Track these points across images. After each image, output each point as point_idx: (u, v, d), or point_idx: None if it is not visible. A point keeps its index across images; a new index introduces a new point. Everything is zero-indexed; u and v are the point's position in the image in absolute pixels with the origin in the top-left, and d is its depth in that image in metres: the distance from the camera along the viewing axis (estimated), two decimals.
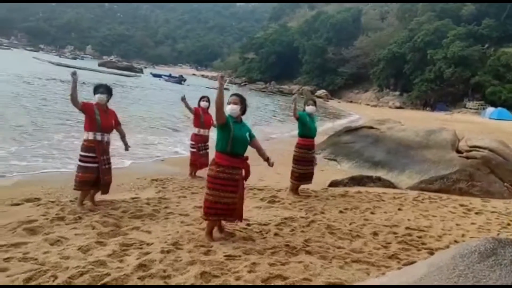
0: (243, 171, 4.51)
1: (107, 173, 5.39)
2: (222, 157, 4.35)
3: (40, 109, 16.07)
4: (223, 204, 4.35)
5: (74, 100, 5.10)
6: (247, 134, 4.48)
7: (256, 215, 5.61)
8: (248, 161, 4.54)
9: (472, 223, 6.01)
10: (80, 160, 5.27)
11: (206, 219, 4.47)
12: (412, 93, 51.65)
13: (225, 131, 4.33)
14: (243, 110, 4.53)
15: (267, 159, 4.70)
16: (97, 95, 5.33)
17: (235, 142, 4.32)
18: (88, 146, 5.23)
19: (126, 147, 5.86)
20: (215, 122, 4.53)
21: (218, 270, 3.58)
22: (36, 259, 3.62)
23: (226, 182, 4.33)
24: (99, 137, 5.24)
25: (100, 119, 5.23)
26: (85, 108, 5.23)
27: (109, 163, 5.45)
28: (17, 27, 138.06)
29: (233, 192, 4.38)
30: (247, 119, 4.73)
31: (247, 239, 4.59)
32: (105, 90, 5.38)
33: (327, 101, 54.15)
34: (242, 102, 4.49)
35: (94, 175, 5.24)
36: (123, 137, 5.78)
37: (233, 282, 3.38)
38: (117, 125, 5.60)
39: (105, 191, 5.47)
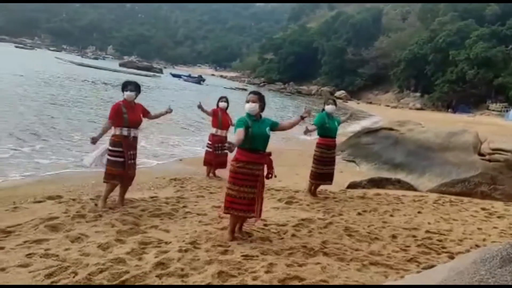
0: (265, 167, 4.53)
1: (132, 167, 5.52)
2: (242, 152, 4.43)
3: (69, 110, 16.39)
4: (243, 199, 4.41)
5: (104, 133, 5.39)
6: (267, 129, 4.53)
7: (274, 216, 5.61)
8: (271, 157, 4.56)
9: (494, 227, 5.89)
10: (109, 155, 5.41)
11: (227, 213, 4.53)
12: (433, 95, 50.87)
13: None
14: (262, 108, 4.57)
15: (301, 117, 4.81)
16: (126, 93, 5.44)
17: (255, 139, 4.40)
18: (115, 141, 5.38)
19: (169, 111, 6.17)
20: (232, 122, 4.57)
21: (235, 269, 3.59)
22: (57, 255, 3.68)
23: (245, 177, 4.40)
24: (125, 132, 5.38)
25: (128, 116, 5.37)
26: (114, 118, 5.36)
27: (134, 159, 5.57)
28: (41, 27, 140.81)
29: (252, 187, 4.42)
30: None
31: (265, 240, 4.59)
32: (134, 87, 5.49)
33: (346, 102, 53.77)
34: (260, 100, 4.54)
35: (122, 169, 5.37)
36: (158, 115, 6.09)
37: (250, 282, 3.38)
38: (147, 114, 5.73)
39: (128, 184, 5.60)
